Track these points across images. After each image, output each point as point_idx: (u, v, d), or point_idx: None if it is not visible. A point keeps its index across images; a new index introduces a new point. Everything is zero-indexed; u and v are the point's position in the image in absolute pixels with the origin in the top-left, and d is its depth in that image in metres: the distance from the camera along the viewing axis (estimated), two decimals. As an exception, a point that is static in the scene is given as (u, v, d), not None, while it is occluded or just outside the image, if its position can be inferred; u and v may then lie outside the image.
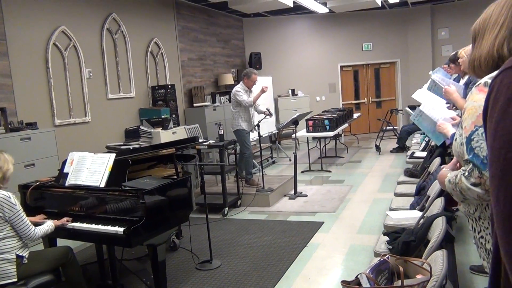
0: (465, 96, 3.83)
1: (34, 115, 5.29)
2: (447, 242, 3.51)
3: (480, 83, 1.35)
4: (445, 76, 5.97)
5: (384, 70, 12.09)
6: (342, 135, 10.85)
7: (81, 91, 6.04)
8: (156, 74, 7.62)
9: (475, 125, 1.32)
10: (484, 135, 1.28)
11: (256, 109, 6.47)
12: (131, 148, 6.11)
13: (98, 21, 6.38)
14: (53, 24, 5.63)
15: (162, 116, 6.96)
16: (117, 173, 3.21)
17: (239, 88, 6.29)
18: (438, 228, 2.58)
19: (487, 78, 1.33)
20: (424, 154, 5.60)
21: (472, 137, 1.32)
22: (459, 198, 1.41)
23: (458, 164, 1.64)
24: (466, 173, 1.34)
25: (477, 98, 1.33)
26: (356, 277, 2.15)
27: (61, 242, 3.52)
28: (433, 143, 5.55)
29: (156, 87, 7.43)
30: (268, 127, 8.86)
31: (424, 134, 7.11)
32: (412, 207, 3.91)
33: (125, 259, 4.12)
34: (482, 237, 1.44)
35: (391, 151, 9.06)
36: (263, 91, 6.13)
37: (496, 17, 1.31)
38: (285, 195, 6.29)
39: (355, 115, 9.74)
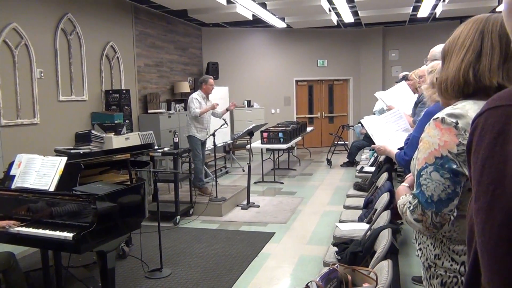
0: (413, 114, 4.03)
1: (-22, 114, 5.04)
2: (392, 253, 3.68)
3: (438, 118, 1.32)
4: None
5: (337, 86, 12.46)
6: (295, 148, 11.05)
7: (31, 91, 5.82)
8: (111, 78, 7.47)
9: (426, 162, 1.30)
10: (431, 174, 1.28)
11: (215, 114, 6.56)
12: (81, 152, 5.95)
13: (53, 20, 6.20)
14: (4, 21, 5.41)
15: (115, 121, 6.82)
16: (68, 178, 3.13)
17: (196, 95, 6.37)
18: (384, 240, 2.71)
19: (445, 115, 1.30)
20: (372, 169, 5.81)
21: (421, 173, 1.31)
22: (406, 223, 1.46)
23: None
24: (411, 208, 1.33)
25: (433, 133, 1.31)
26: (307, 285, 2.22)
27: (3, 247, 3.36)
28: (381, 159, 5.79)
29: (110, 92, 7.28)
30: (222, 137, 8.88)
31: (373, 150, 7.40)
32: (360, 219, 4.07)
33: (72, 266, 3.99)
34: (420, 249, 1.50)
35: (341, 165, 9.33)
36: (213, 107, 6.32)
37: (463, 39, 1.30)
38: (237, 205, 6.32)
39: (308, 129, 9.98)
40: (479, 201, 0.74)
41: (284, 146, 7.80)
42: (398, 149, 3.05)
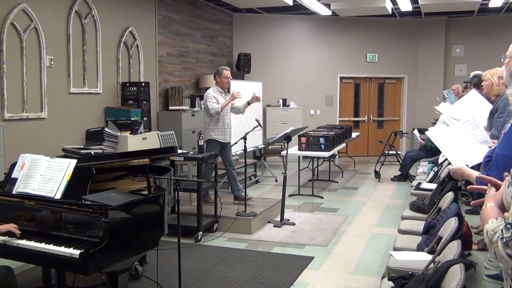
0: (489, 127, 3.82)
1: (-20, 105, 5.11)
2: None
3: None
4: (455, 100, 5.99)
5: (389, 86, 12.23)
6: (337, 156, 10.86)
7: (39, 81, 5.87)
8: (129, 68, 7.50)
9: None
10: None
11: (236, 110, 6.53)
12: (92, 153, 5.97)
13: (66, 1, 6.25)
14: (12, 1, 5.48)
15: (132, 118, 6.83)
16: (77, 184, 3.10)
17: (211, 92, 6.35)
18: (455, 278, 2.52)
19: None
20: (432, 186, 5.60)
21: None
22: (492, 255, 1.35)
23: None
24: (505, 240, 1.27)
25: None
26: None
27: (0, 261, 3.35)
28: (443, 174, 5.56)
29: (128, 84, 7.31)
30: (253, 140, 8.77)
31: (432, 163, 7.15)
32: (420, 247, 3.87)
33: (77, 287, 3.96)
34: None
35: (392, 179, 9.10)
36: (233, 97, 6.23)
37: None
38: (269, 222, 6.20)
39: (354, 135, 9.78)
40: None
41: (326, 154, 7.64)
42: (475, 167, 2.87)
